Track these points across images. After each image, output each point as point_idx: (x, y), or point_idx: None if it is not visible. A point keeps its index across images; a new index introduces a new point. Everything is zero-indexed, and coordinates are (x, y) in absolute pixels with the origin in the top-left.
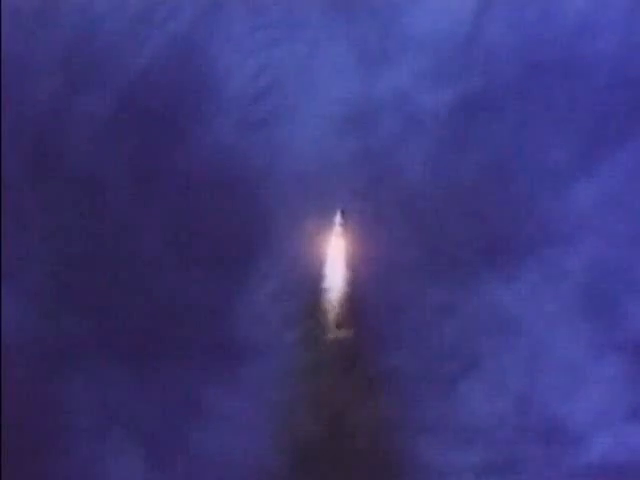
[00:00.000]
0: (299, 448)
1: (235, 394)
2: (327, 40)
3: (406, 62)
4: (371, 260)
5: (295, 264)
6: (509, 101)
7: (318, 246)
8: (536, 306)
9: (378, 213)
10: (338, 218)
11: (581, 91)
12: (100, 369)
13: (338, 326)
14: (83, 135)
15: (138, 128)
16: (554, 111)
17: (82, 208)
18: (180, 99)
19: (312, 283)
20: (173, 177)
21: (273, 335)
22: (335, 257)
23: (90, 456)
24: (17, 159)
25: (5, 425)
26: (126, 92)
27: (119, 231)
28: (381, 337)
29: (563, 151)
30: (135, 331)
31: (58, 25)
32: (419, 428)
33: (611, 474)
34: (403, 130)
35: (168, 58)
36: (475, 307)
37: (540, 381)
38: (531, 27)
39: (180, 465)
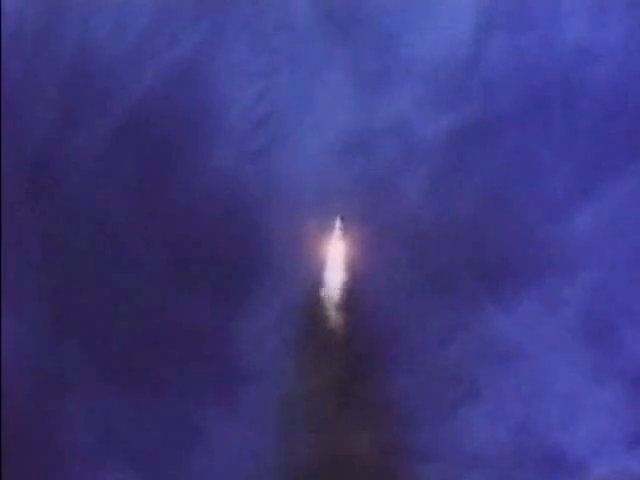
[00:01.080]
0: (299, 473)
1: (235, 419)
2: (327, 68)
3: (405, 89)
4: (371, 288)
5: (295, 290)
6: (508, 128)
7: (318, 272)
8: (536, 333)
9: (377, 239)
10: (338, 223)
11: (580, 118)
12: (100, 394)
13: (338, 351)
14: (82, 163)
15: (138, 155)
16: (553, 138)
17: (82, 235)
18: (180, 126)
19: (312, 309)
20: (173, 204)
21: (273, 360)
22: (335, 282)
23: None
24: (16, 186)
25: (5, 449)
26: (126, 119)
27: (119, 258)
28: (381, 364)
29: (562, 178)
30: (135, 357)
31: (58, 53)
32: (418, 454)
33: None
34: (402, 156)
35: (168, 86)
36: (475, 334)
37: (540, 408)
38: (530, 54)
39: None
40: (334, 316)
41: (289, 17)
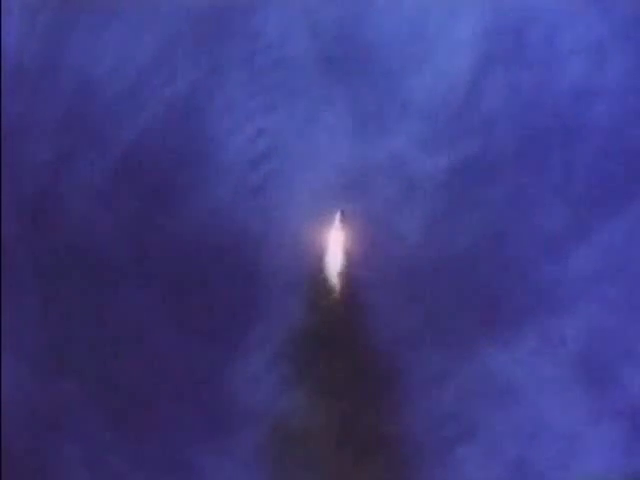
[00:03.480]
0: None
1: (231, 460)
2: (325, 105)
3: (404, 127)
4: (367, 325)
5: (292, 329)
6: (506, 166)
7: (316, 309)
8: (533, 373)
9: (374, 279)
10: (338, 216)
11: (579, 156)
12: (96, 434)
13: (334, 391)
14: (81, 199)
15: (136, 192)
16: (552, 177)
17: (80, 273)
18: (178, 163)
19: (310, 346)
20: (170, 241)
21: (270, 401)
22: (332, 322)
23: None
24: (15, 224)
25: None
26: (124, 156)
27: (116, 296)
28: (378, 403)
29: (561, 217)
30: (131, 397)
31: (57, 88)
32: None
33: None
34: (400, 195)
35: (166, 122)
36: (472, 373)
37: (537, 448)
38: (529, 92)
39: None
40: (330, 356)
41: (288, 55)
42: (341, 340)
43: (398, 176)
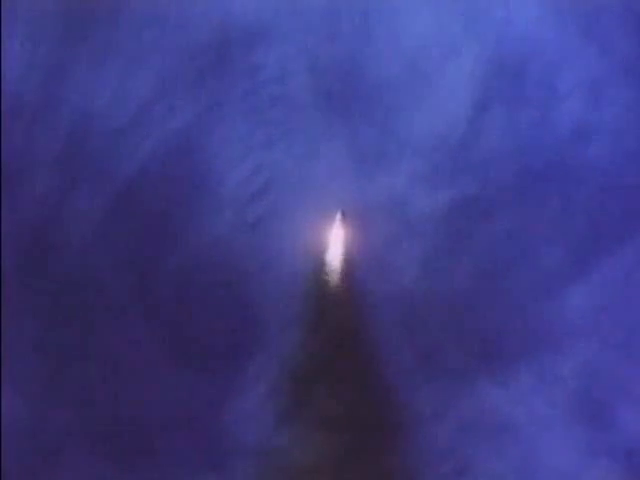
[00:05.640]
0: None
1: None
2: (324, 141)
3: (402, 165)
4: (365, 362)
5: (290, 364)
6: (504, 205)
7: (313, 345)
8: (529, 410)
9: (371, 316)
10: (338, 216)
11: (576, 196)
12: (96, 466)
13: (333, 426)
14: (80, 232)
15: (135, 225)
16: (549, 216)
17: (78, 306)
18: (178, 197)
19: (307, 382)
20: (169, 275)
21: (265, 435)
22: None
23: None
24: (15, 256)
25: None
26: (123, 189)
27: (115, 329)
28: (376, 438)
29: (557, 256)
30: (126, 430)
31: (57, 121)
32: None
33: None
34: (398, 232)
35: (166, 156)
36: (469, 410)
37: None
38: (526, 132)
39: None
40: (328, 391)
41: (287, 90)
42: (339, 375)
43: (397, 212)
